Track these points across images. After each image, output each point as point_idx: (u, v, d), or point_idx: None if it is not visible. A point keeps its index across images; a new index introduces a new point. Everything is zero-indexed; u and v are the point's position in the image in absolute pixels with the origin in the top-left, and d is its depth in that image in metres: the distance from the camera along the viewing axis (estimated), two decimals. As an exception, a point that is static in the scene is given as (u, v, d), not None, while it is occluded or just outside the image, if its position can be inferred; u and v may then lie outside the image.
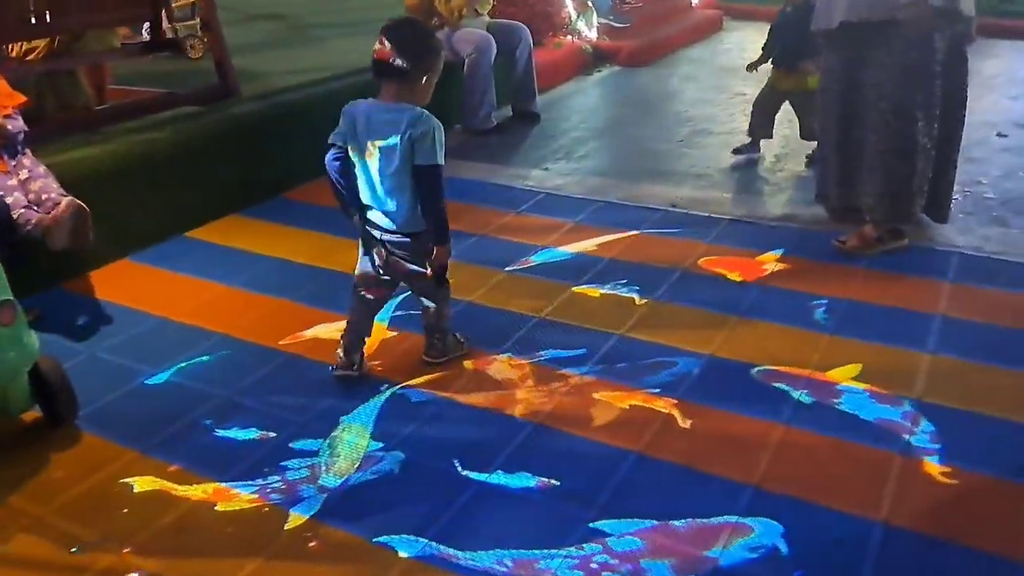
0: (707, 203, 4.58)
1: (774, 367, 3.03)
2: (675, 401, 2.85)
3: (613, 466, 2.56)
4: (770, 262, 3.85)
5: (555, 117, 6.47)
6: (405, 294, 3.36)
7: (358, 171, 2.85)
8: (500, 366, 3.10)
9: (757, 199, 4.78)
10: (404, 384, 2.99)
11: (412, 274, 2.95)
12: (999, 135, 5.56)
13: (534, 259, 3.96)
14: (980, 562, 2.17)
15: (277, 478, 2.54)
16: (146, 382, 3.04)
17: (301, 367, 3.13)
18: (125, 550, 2.28)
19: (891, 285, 3.60)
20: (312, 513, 2.40)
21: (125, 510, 2.42)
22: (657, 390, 2.91)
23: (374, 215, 2.90)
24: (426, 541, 2.29)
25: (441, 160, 2.77)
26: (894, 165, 3.77)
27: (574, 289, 3.64)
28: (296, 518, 2.38)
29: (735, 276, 3.73)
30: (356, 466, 2.58)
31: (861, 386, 2.92)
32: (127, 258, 4.03)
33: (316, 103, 5.06)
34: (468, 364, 3.11)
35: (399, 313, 3.47)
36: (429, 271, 2.90)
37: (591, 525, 2.34)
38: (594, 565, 2.21)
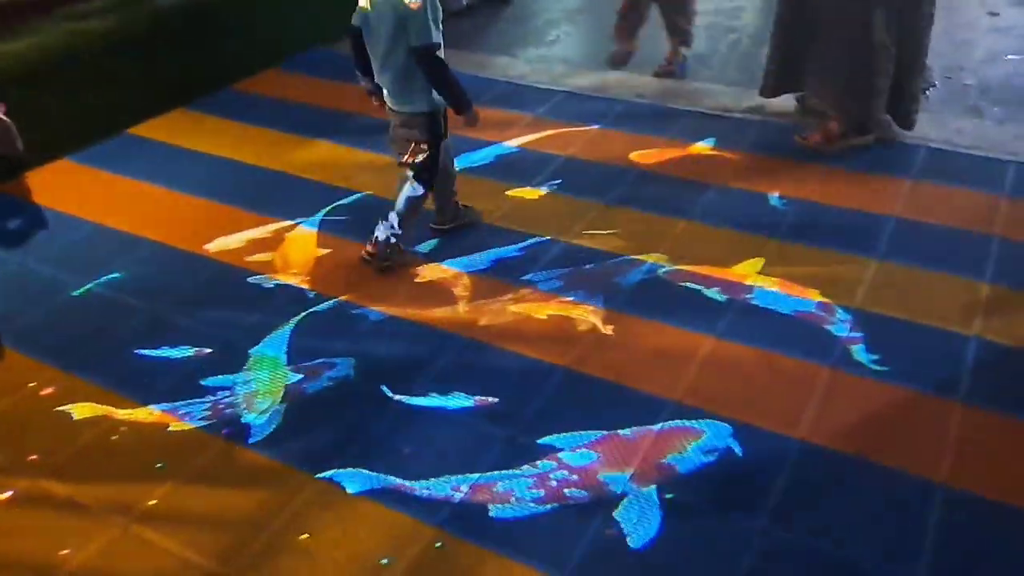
0: (674, 94, 4.38)
1: (685, 267, 2.98)
2: (592, 308, 2.80)
3: (545, 380, 2.53)
4: (704, 151, 3.77)
5: (536, -7, 6.14)
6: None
7: (369, 49, 2.88)
8: (438, 275, 3.03)
9: (727, 90, 4.55)
10: (339, 298, 2.94)
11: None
12: (990, 14, 5.27)
13: (480, 159, 3.82)
14: (896, 479, 2.16)
15: (204, 403, 2.50)
16: (73, 294, 2.99)
17: (230, 277, 3.06)
18: (38, 471, 2.28)
19: (850, 185, 3.47)
20: (242, 439, 2.37)
21: (43, 431, 2.42)
22: (571, 297, 2.86)
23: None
24: (373, 474, 2.23)
25: (436, 38, 2.74)
26: (850, 64, 3.58)
27: (522, 191, 3.53)
28: (222, 443, 2.37)
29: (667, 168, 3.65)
30: (279, 398, 2.49)
31: (769, 281, 2.89)
32: (66, 158, 3.90)
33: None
34: (409, 272, 3.04)
35: (328, 218, 3.39)
36: (408, 156, 2.95)
37: (539, 441, 2.32)
38: (553, 482, 2.19)
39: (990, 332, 2.62)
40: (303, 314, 2.84)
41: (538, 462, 2.25)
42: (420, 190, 3.00)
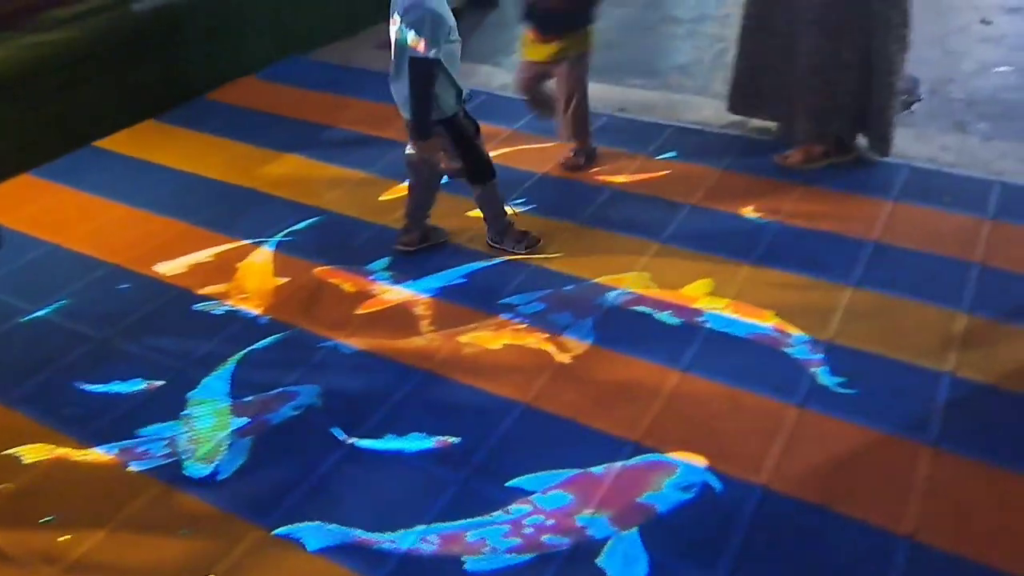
0: (656, 108, 4.28)
1: (640, 291, 2.90)
2: (547, 336, 2.72)
3: (506, 416, 2.43)
4: (680, 168, 3.67)
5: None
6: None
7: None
8: (397, 300, 2.94)
9: (710, 103, 4.45)
10: (293, 326, 2.85)
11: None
12: (983, 22, 5.15)
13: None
14: (858, 531, 2.07)
15: (148, 446, 2.39)
16: (22, 320, 2.90)
17: (182, 302, 2.97)
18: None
19: (829, 206, 3.37)
20: (184, 485, 2.27)
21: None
22: (537, 325, 2.77)
23: None
24: (332, 526, 2.11)
25: (428, 51, 2.66)
26: (813, 81, 3.49)
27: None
28: (162, 487, 2.27)
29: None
30: (221, 449, 2.35)
31: (721, 303, 2.83)
32: (29, 173, 3.82)
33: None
34: (365, 304, 2.95)
35: (287, 240, 3.30)
36: (446, 166, 2.99)
37: (508, 484, 2.22)
38: (528, 529, 2.09)
39: (965, 367, 2.52)
40: (247, 349, 2.72)
41: (510, 507, 2.15)
42: (481, 187, 3.03)
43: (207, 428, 2.43)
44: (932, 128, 3.97)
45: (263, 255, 3.19)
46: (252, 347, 2.74)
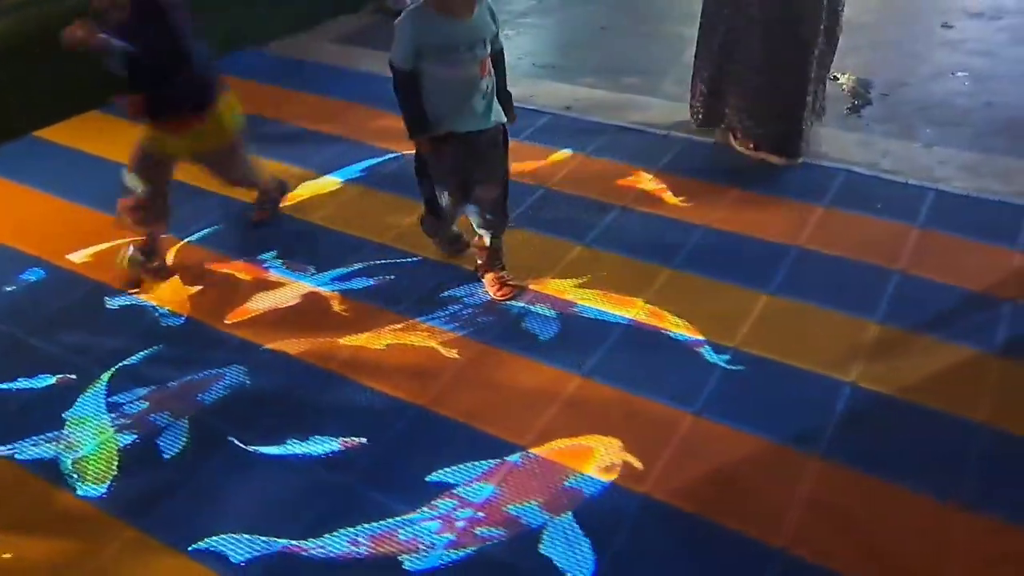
0: (604, 107, 4.24)
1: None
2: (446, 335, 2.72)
3: (400, 416, 2.42)
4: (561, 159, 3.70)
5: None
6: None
7: None
8: (310, 297, 2.93)
9: (656, 103, 4.40)
10: (190, 318, 2.83)
11: None
12: (944, 26, 5.10)
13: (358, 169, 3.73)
14: (729, 541, 2.05)
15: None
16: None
17: (100, 295, 2.96)
18: None
19: (760, 211, 3.33)
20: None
21: None
22: (440, 325, 2.77)
23: None
24: (255, 537, 2.06)
25: (394, 58, 2.60)
26: (756, 84, 3.52)
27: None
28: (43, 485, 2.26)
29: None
30: (112, 465, 2.29)
31: (589, 295, 2.85)
32: (-36, 162, 3.82)
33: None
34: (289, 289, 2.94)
35: (207, 233, 3.30)
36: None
37: (428, 479, 2.20)
38: (460, 523, 2.08)
39: (867, 379, 2.50)
40: (121, 364, 2.64)
41: (435, 501, 2.14)
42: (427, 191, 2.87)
43: (92, 450, 2.34)
44: (878, 133, 3.94)
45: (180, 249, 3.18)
46: (128, 361, 2.66)
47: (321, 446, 2.33)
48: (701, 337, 2.65)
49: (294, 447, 2.34)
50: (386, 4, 5.59)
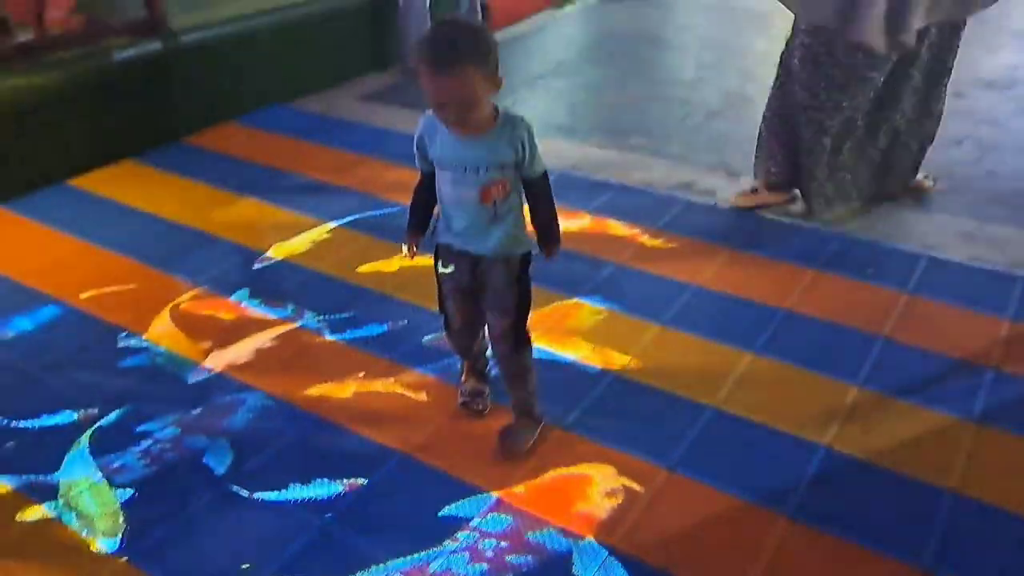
0: (605, 166, 4.38)
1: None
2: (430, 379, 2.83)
3: (390, 456, 2.52)
4: (613, 228, 3.77)
5: (505, 59, 6.20)
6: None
7: None
8: (299, 339, 3.05)
9: (659, 163, 4.51)
10: (204, 368, 2.97)
11: None
12: (955, 95, 5.15)
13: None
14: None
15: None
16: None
17: (103, 336, 3.10)
18: None
19: (749, 271, 3.42)
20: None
21: None
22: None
23: None
24: None
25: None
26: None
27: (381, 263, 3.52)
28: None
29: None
30: (119, 520, 2.31)
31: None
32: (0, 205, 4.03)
33: (222, 45, 4.95)
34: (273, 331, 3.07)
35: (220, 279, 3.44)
36: None
37: (440, 515, 2.29)
38: (488, 552, 2.17)
39: (842, 441, 2.54)
40: (98, 425, 2.67)
41: (457, 534, 2.23)
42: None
43: (94, 511, 2.35)
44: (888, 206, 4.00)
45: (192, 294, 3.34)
46: (106, 419, 2.70)
47: (325, 489, 2.41)
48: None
49: (296, 492, 2.40)
50: (408, 68, 5.83)
